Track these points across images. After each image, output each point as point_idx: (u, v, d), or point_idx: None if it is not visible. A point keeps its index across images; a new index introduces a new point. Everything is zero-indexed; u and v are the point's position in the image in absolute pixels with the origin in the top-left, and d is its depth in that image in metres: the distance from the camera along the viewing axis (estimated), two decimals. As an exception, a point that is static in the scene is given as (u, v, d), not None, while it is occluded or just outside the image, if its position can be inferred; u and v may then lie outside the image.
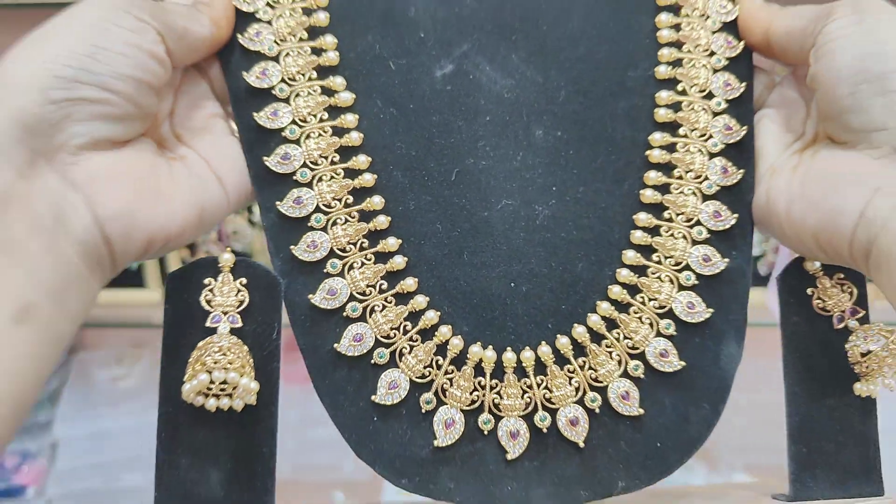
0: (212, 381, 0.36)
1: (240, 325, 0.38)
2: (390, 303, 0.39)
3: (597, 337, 0.39)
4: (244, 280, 0.39)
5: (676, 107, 0.42)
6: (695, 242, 0.40)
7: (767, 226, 0.40)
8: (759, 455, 1.08)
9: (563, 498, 0.38)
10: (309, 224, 0.40)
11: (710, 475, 1.12)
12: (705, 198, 0.41)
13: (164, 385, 0.38)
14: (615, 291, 0.39)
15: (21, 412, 0.31)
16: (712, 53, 0.42)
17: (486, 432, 0.38)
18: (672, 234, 0.40)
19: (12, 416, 0.30)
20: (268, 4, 0.41)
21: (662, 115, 0.41)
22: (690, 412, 0.39)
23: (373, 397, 0.38)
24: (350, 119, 0.40)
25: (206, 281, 0.38)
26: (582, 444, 0.38)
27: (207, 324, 0.38)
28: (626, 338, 0.39)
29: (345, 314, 0.39)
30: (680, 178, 0.41)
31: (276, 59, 0.41)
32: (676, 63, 0.42)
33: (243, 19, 0.41)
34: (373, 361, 0.39)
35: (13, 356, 0.30)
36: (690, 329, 0.40)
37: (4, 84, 0.32)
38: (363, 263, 0.39)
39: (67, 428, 1.06)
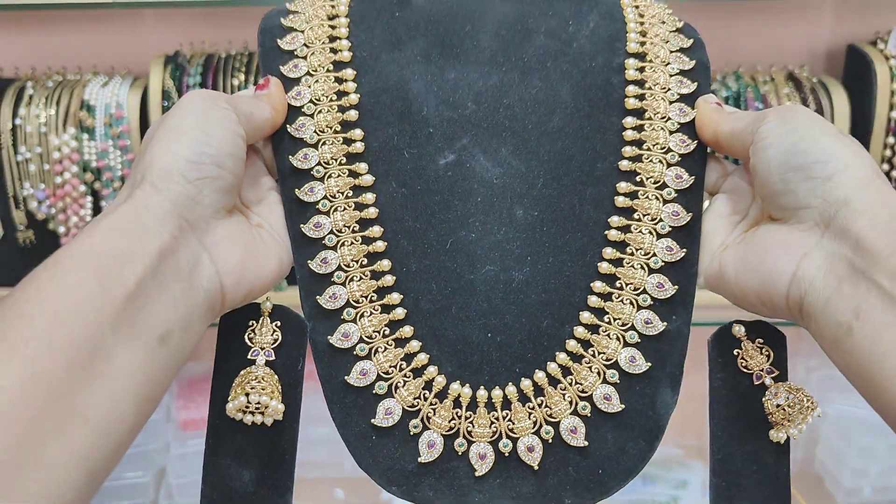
0: (249, 402, 0.47)
1: (273, 358, 0.49)
2: (390, 346, 0.49)
3: (553, 381, 0.49)
4: (279, 322, 0.49)
5: (633, 195, 0.51)
6: (640, 308, 0.49)
7: (719, 290, 0.49)
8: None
9: None
10: (332, 279, 0.50)
11: (706, 472, 1.15)
12: (651, 271, 0.50)
13: (213, 402, 0.49)
14: (571, 345, 0.49)
15: (140, 426, 0.42)
16: (669, 150, 0.51)
17: (459, 453, 0.48)
18: (622, 300, 0.49)
19: (149, 410, 0.42)
20: (311, 101, 0.53)
21: (621, 201, 0.51)
22: (629, 446, 0.48)
23: (372, 420, 0.48)
24: (369, 197, 0.51)
25: (251, 322, 0.49)
26: (536, 467, 0.47)
27: (248, 356, 0.49)
28: (577, 383, 0.48)
29: (355, 353, 0.49)
30: (632, 254, 0.50)
31: (315, 146, 0.52)
32: (636, 158, 0.51)
33: (292, 112, 0.52)
34: (374, 392, 0.49)
35: (155, 368, 0.42)
36: (632, 379, 0.49)
37: (157, 173, 0.44)
38: (371, 313, 0.50)
39: None
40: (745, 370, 0.48)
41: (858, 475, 1.14)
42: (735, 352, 0.49)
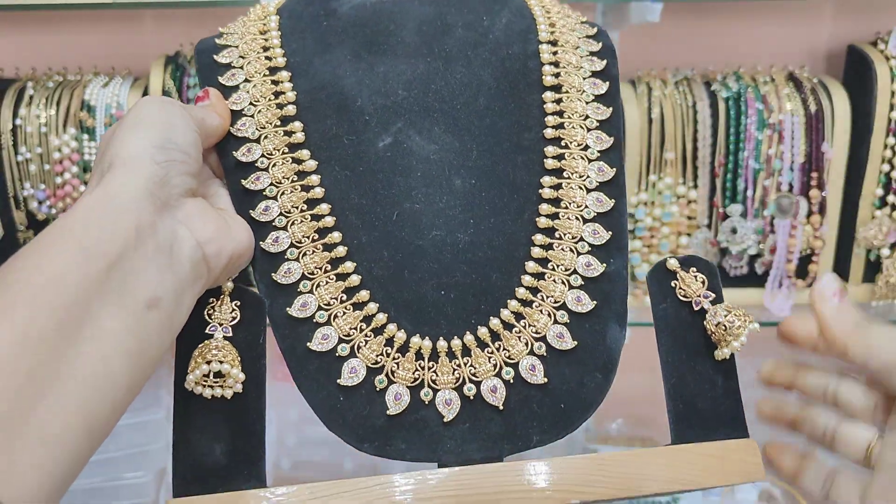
0: (209, 373, 0.47)
1: (230, 334, 0.50)
2: (349, 310, 0.51)
3: (508, 326, 0.51)
4: (238, 302, 0.51)
5: (560, 157, 0.55)
6: (579, 254, 0.53)
7: None
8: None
9: (490, 451, 0.49)
10: (285, 256, 0.52)
11: None
12: (585, 221, 0.53)
13: (177, 380, 0.49)
14: (521, 293, 0.51)
15: (138, 386, 0.44)
16: (587, 117, 0.56)
17: (426, 402, 0.49)
18: (562, 248, 0.53)
19: (143, 372, 0.44)
20: (250, 104, 0.56)
21: (550, 163, 0.54)
22: (586, 380, 0.50)
23: (338, 380, 0.49)
24: (314, 179, 0.54)
25: (210, 300, 0.51)
26: (501, 407, 0.49)
27: (206, 331, 0.50)
28: (530, 325, 0.51)
29: (315, 320, 0.51)
30: (566, 207, 0.54)
31: (257, 140, 0.55)
32: (560, 126, 0.56)
33: (233, 115, 0.55)
34: (337, 354, 0.50)
35: (146, 331, 0.43)
36: (581, 318, 0.51)
37: (128, 158, 0.47)
38: (327, 282, 0.51)
39: None
40: (684, 298, 0.52)
41: None
42: (672, 283, 0.52)
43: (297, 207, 0.53)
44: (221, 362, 0.48)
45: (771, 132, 1.01)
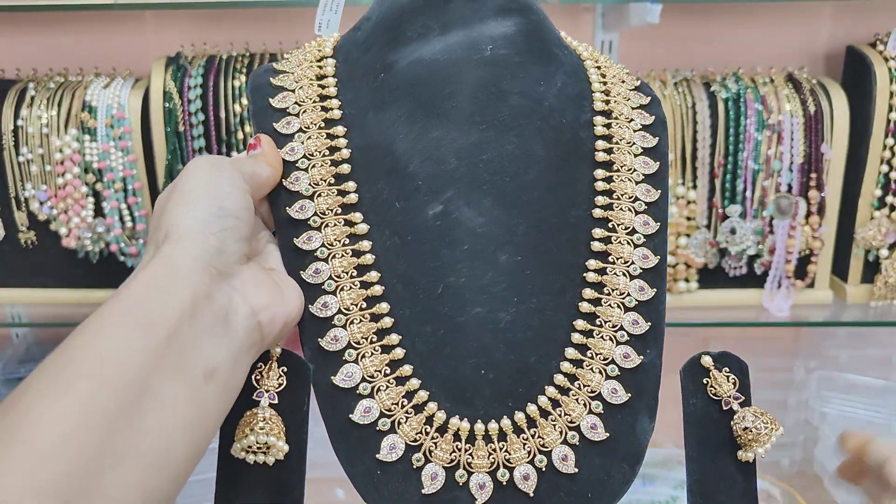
0: (255, 443, 0.49)
1: (276, 401, 0.51)
2: (391, 384, 0.53)
3: (544, 413, 0.53)
4: (285, 368, 0.52)
5: (607, 240, 0.56)
6: (618, 343, 0.54)
7: None
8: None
9: None
10: (332, 322, 0.53)
11: None
12: (626, 309, 0.55)
13: (222, 443, 0.51)
14: (559, 379, 0.53)
15: (197, 457, 0.45)
16: (636, 199, 0.57)
17: (460, 483, 0.51)
18: (602, 336, 0.54)
19: (202, 443, 0.45)
20: (304, 156, 0.56)
21: (597, 246, 0.55)
22: (613, 470, 0.52)
23: (377, 455, 0.51)
24: (366, 244, 0.54)
25: (259, 365, 0.52)
26: (532, 495, 0.51)
27: (254, 397, 0.51)
28: (566, 414, 0.53)
29: (358, 392, 0.52)
30: (608, 294, 0.55)
31: (311, 197, 0.55)
32: (608, 207, 0.56)
33: (286, 167, 0.56)
34: (378, 428, 0.52)
35: (204, 402, 0.45)
36: (614, 409, 0.53)
37: (181, 231, 0.47)
38: (372, 353, 0.53)
39: None
40: (714, 397, 0.53)
41: None
42: (704, 380, 0.54)
43: (346, 272, 0.54)
44: (268, 435, 0.50)
45: (770, 133, 1.02)
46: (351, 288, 0.54)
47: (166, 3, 1.07)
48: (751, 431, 0.52)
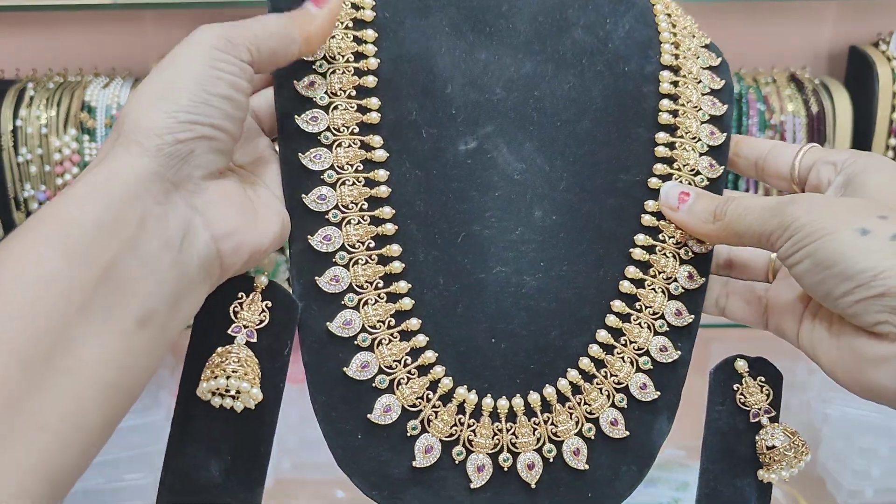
0: (227, 386, 0.42)
1: (255, 340, 0.44)
2: (395, 338, 0.45)
3: (562, 398, 0.46)
4: (269, 303, 0.44)
5: (660, 215, 0.49)
6: (656, 333, 0.48)
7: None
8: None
9: None
10: (334, 260, 0.45)
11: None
12: (671, 297, 0.48)
13: (184, 378, 0.43)
14: (585, 363, 0.46)
15: (131, 401, 0.37)
16: (698, 173, 0.50)
17: (456, 462, 0.45)
18: (639, 323, 0.48)
19: (124, 405, 0.37)
20: (325, 58, 0.47)
21: (648, 220, 0.49)
22: (622, 471, 0.47)
23: (369, 415, 0.44)
24: (382, 174, 0.46)
25: (240, 294, 0.44)
26: (533, 486, 0.45)
27: (229, 331, 0.43)
28: (586, 403, 0.46)
29: (356, 343, 0.45)
30: (654, 276, 0.48)
31: (325, 108, 0.47)
32: (667, 177, 0.49)
33: (301, 67, 0.47)
34: (374, 385, 0.45)
35: (133, 354, 0.36)
36: (638, 405, 0.47)
37: (140, 129, 0.38)
38: (377, 301, 0.45)
39: None
40: (742, 406, 0.48)
41: (860, 477, 1.13)
42: (735, 386, 0.48)
43: (356, 204, 0.46)
44: (241, 379, 0.42)
45: (773, 133, 1.01)
46: (360, 222, 0.46)
47: (166, 3, 1.06)
48: (778, 452, 0.47)
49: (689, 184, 0.49)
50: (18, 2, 1.01)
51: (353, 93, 0.47)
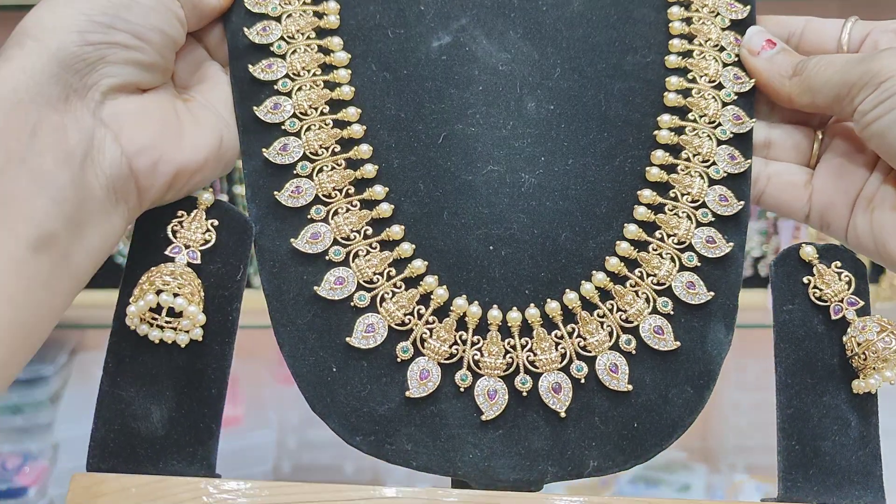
0: (159, 306, 0.34)
1: (198, 261, 0.36)
2: (375, 248, 0.37)
3: (589, 306, 0.37)
4: (215, 222, 0.37)
5: (686, 93, 0.41)
6: (699, 224, 0.39)
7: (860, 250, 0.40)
8: (760, 456, 1.08)
9: (528, 472, 0.35)
10: (295, 171, 0.38)
11: (710, 475, 1.11)
12: (711, 181, 0.40)
13: (118, 312, 0.35)
14: (612, 263, 0.38)
15: (31, 342, 0.31)
16: (722, 48, 0.42)
17: (462, 389, 0.35)
18: (676, 213, 0.39)
19: (22, 344, 0.30)
20: None
21: (672, 98, 0.41)
22: (672, 394, 0.37)
23: (348, 339, 0.36)
24: (343, 74, 0.40)
25: (179, 213, 0.37)
26: (563, 414, 0.35)
27: (167, 252, 0.36)
28: (620, 310, 0.37)
29: (327, 258, 0.37)
30: (688, 159, 0.40)
31: (278, 18, 0.41)
32: (687, 54, 0.42)
33: None
34: (352, 304, 0.36)
35: (29, 284, 0.30)
36: (687, 310, 0.38)
37: (43, 25, 0.33)
38: (348, 209, 0.38)
39: (69, 429, 1.04)
40: (819, 301, 0.38)
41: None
42: (806, 279, 0.39)
43: (315, 108, 0.39)
44: (176, 295, 0.34)
45: None
46: (321, 128, 0.39)
47: None
48: (873, 348, 0.36)
49: (714, 59, 0.42)
50: (18, 1, 0.99)
51: (309, 0, 0.41)
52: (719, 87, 0.42)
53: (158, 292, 0.33)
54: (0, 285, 0.29)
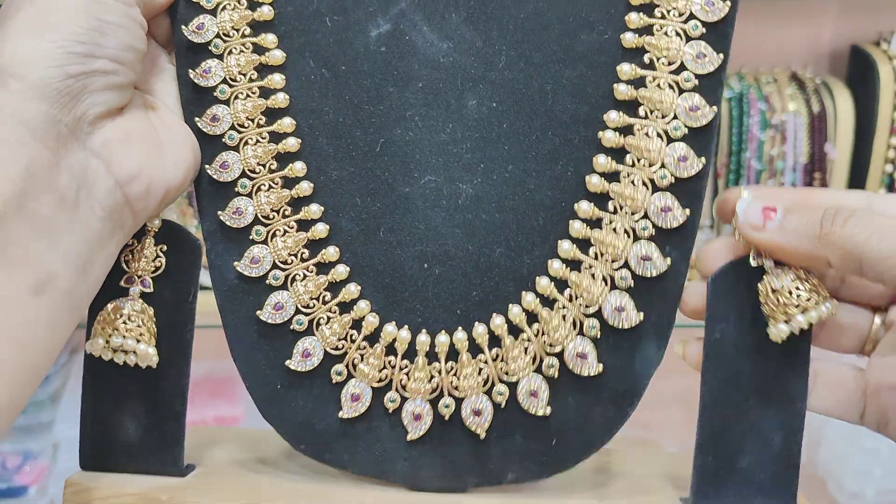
0: (112, 346, 0.38)
1: (150, 289, 0.39)
2: (311, 272, 0.39)
3: (514, 330, 0.38)
4: (164, 247, 0.39)
5: (639, 82, 0.38)
6: (636, 238, 0.38)
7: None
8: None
9: (451, 482, 0.39)
10: (236, 189, 0.39)
11: None
12: (655, 189, 0.37)
13: (88, 332, 0.39)
14: (542, 285, 0.38)
15: (35, 380, 0.33)
16: (690, 17, 0.37)
17: (390, 410, 0.39)
18: (614, 228, 0.38)
19: (26, 384, 0.33)
20: None
21: (622, 91, 0.37)
22: (595, 413, 0.38)
23: (287, 362, 0.39)
24: (277, 80, 0.39)
25: (130, 241, 0.39)
26: (482, 435, 0.38)
27: (122, 282, 0.39)
28: (544, 333, 0.38)
29: (267, 282, 0.39)
30: (632, 164, 0.37)
31: (213, 12, 0.39)
32: (646, 31, 0.38)
33: None
34: (291, 328, 0.39)
35: (31, 327, 0.32)
36: (612, 331, 0.38)
37: (23, 65, 0.32)
38: (286, 231, 0.39)
39: (69, 428, 1.05)
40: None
41: (862, 477, 1.10)
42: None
43: (252, 120, 0.39)
44: (126, 337, 0.38)
45: (774, 132, 1.02)
46: (258, 142, 0.39)
47: None
48: (783, 292, 0.36)
49: (676, 35, 0.37)
50: None
51: None
52: (681, 68, 0.37)
53: (110, 336, 0.37)
54: (2, 330, 0.31)
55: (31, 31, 0.33)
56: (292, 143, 0.39)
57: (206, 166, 0.39)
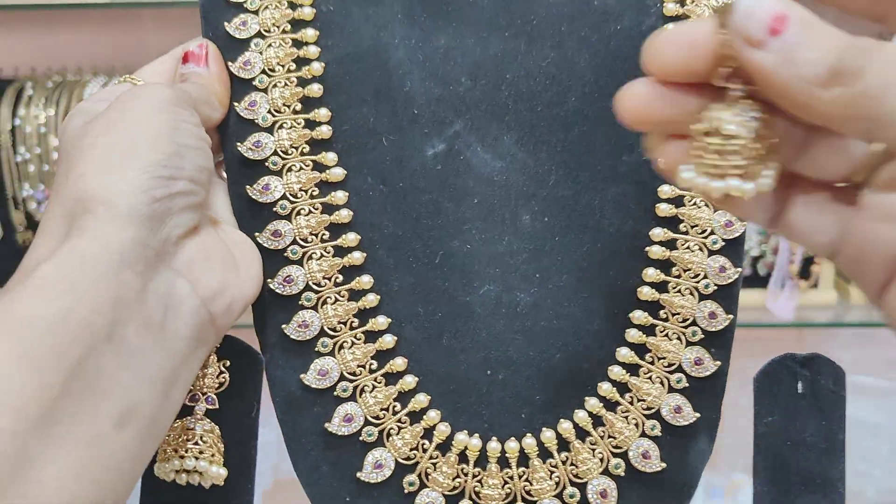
0: (183, 468, 0.37)
1: (216, 406, 0.38)
2: (380, 383, 0.39)
3: (581, 434, 0.40)
4: (227, 362, 0.39)
5: (678, 201, 0.41)
6: (689, 343, 0.40)
7: None
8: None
9: None
10: (300, 302, 0.40)
11: (709, 474, 1.12)
12: (702, 297, 0.41)
13: None
14: (604, 389, 0.40)
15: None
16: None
17: None
18: (667, 335, 0.40)
19: None
20: (264, 72, 0.41)
21: (664, 209, 0.41)
22: None
23: (358, 474, 0.39)
24: (340, 196, 0.40)
25: None
26: None
27: (186, 401, 0.38)
28: (610, 437, 0.40)
29: (335, 394, 0.39)
30: (678, 276, 0.41)
31: (269, 129, 0.41)
32: None
33: (239, 86, 0.41)
34: (361, 438, 0.39)
35: (112, 461, 0.30)
36: (671, 429, 0.40)
37: (110, 193, 0.32)
38: (353, 343, 0.39)
39: None
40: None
41: (861, 478, 1.11)
42: (786, 388, 0.41)
43: (316, 235, 0.40)
44: (199, 459, 0.37)
45: None
46: (323, 256, 0.40)
47: (165, 2, 1.05)
48: (729, 145, 0.27)
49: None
50: (18, 1, 1.01)
51: (299, 106, 0.41)
52: None
53: (182, 457, 0.36)
54: (83, 468, 0.29)
55: (115, 159, 0.33)
56: (357, 258, 0.40)
57: (268, 280, 0.40)
